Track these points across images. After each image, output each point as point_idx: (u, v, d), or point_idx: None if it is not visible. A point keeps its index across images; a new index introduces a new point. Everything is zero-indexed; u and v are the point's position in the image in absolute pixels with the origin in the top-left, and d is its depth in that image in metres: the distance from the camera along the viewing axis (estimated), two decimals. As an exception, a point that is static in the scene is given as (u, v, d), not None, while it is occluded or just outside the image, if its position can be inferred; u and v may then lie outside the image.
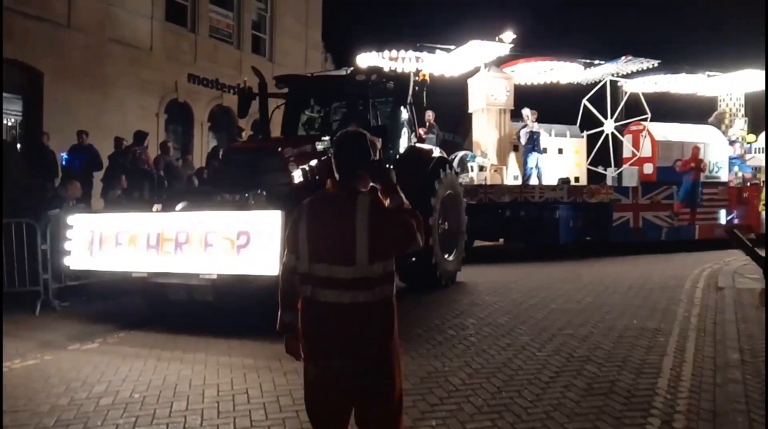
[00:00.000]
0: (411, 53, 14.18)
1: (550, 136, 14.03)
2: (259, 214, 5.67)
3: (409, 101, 8.33)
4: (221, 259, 5.60)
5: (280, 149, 6.94)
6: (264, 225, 5.50)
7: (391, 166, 2.49)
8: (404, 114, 8.74)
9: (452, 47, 13.78)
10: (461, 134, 17.72)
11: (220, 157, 9.49)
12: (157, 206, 6.47)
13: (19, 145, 13.02)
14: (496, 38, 13.69)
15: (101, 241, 6.15)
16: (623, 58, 14.39)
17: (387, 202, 2.53)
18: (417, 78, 8.36)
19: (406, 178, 7.53)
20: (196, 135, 17.22)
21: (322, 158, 7.09)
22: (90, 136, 11.28)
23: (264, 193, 6.21)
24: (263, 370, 4.88)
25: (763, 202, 10.85)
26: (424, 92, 8.54)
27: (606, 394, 4.27)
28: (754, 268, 8.62)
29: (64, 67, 13.31)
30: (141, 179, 10.58)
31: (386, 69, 13.28)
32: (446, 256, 8.72)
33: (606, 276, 9.87)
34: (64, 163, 11.14)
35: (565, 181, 13.50)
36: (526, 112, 13.47)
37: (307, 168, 6.88)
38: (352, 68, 8.38)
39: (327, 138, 7.49)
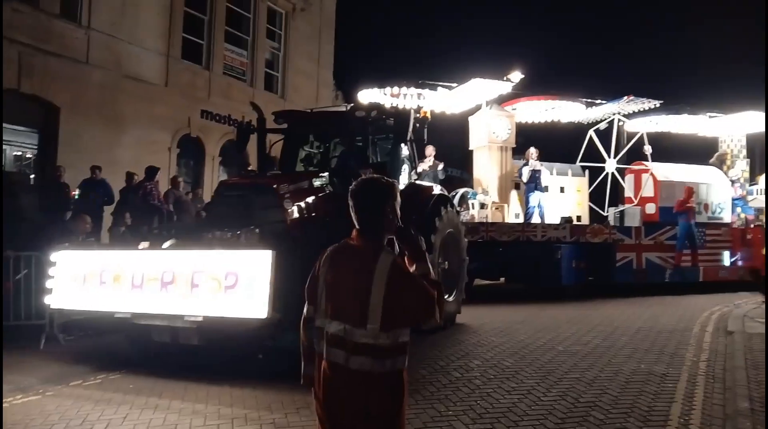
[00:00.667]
0: (413, 90, 14.23)
1: (551, 175, 13.99)
2: (249, 254, 5.43)
3: (409, 138, 8.20)
4: (208, 301, 5.34)
5: (275, 185, 6.68)
6: (253, 265, 5.25)
7: (419, 235, 2.41)
8: (404, 151, 8.57)
9: (454, 85, 13.83)
10: (469, 171, 17.84)
11: (213, 192, 9.73)
12: (143, 244, 6.31)
13: (33, 178, 13.26)
14: (504, 78, 13.84)
15: (85, 279, 5.94)
16: (625, 98, 14.45)
17: (412, 269, 2.42)
18: (418, 115, 8.31)
19: (406, 215, 7.57)
20: (207, 169, 17.46)
21: (320, 195, 6.98)
22: (103, 170, 11.47)
23: (257, 230, 6.01)
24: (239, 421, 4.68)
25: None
26: (425, 129, 8.46)
27: (612, 442, 4.20)
28: (763, 311, 8.51)
29: (81, 102, 13.63)
30: (150, 214, 10.69)
31: (387, 105, 13.42)
32: (446, 296, 8.34)
33: (614, 318, 9.76)
34: (77, 197, 11.30)
35: (567, 220, 13.29)
36: (530, 150, 13.48)
37: (304, 205, 6.68)
38: (352, 104, 8.33)
39: (326, 174, 7.39)
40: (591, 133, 15.05)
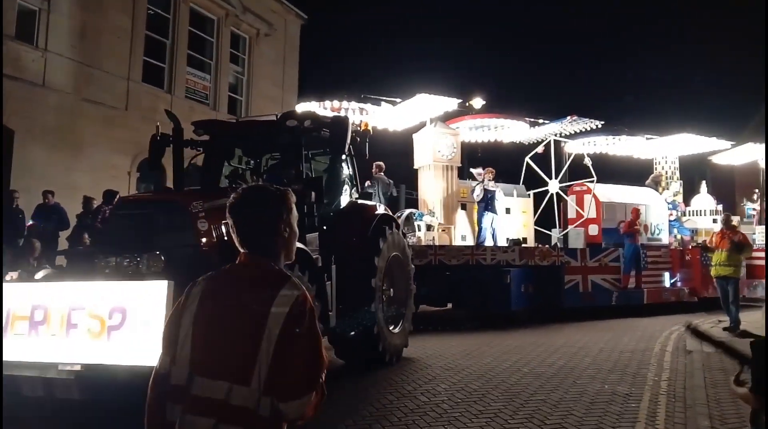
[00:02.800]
0: (354, 104, 13.49)
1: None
2: (139, 286, 4.41)
3: (348, 151, 7.54)
4: (88, 345, 4.28)
5: (186, 202, 5.57)
6: (145, 299, 4.24)
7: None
8: (345, 166, 7.81)
9: (398, 100, 13.31)
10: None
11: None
12: (11, 274, 5.42)
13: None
14: (467, 104, 14.01)
15: None
16: (568, 117, 14.45)
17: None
18: (359, 127, 7.78)
19: (347, 235, 7.10)
20: (168, 194, 17.14)
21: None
22: (60, 195, 11.18)
23: (162, 256, 4.97)
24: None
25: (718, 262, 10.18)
26: (367, 143, 7.82)
27: (579, 464, 4.21)
28: (719, 330, 8.75)
29: (36, 125, 13.28)
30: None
31: (325, 116, 12.66)
32: (392, 327, 7.64)
33: (576, 339, 9.88)
34: (30, 221, 10.95)
35: (516, 243, 12.87)
36: (484, 169, 13.17)
37: (223, 226, 5.53)
38: (282, 113, 7.25)
39: None
40: (527, 160, 14.94)
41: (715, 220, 16.37)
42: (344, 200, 7.74)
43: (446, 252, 11.47)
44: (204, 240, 5.38)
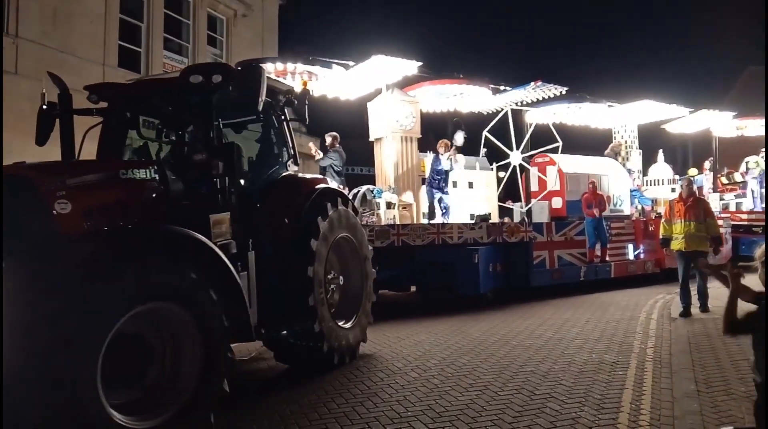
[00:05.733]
0: (301, 66, 11.56)
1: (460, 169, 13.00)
2: None
3: (282, 114, 6.41)
4: None
5: (39, 179, 4.26)
6: None
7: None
8: (280, 131, 6.46)
9: (351, 63, 11.62)
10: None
11: None
12: None
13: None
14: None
15: None
16: (532, 83, 13.52)
17: None
18: (293, 89, 6.64)
19: (275, 215, 5.91)
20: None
21: (136, 192, 4.79)
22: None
23: None
24: None
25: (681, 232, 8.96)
26: (306, 106, 6.67)
27: (569, 431, 4.27)
28: (711, 298, 8.88)
29: (10, 114, 12.96)
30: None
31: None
32: (342, 323, 6.50)
33: (565, 309, 9.99)
34: None
35: (483, 219, 11.84)
36: (447, 141, 12.46)
37: (95, 208, 4.39)
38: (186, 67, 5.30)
39: (152, 167, 5.06)
40: (485, 133, 14.16)
41: (673, 190, 16.08)
42: (282, 172, 6.43)
43: (410, 231, 10.49)
44: (64, 226, 4.14)
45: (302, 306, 5.78)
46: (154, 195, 4.90)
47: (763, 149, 17.64)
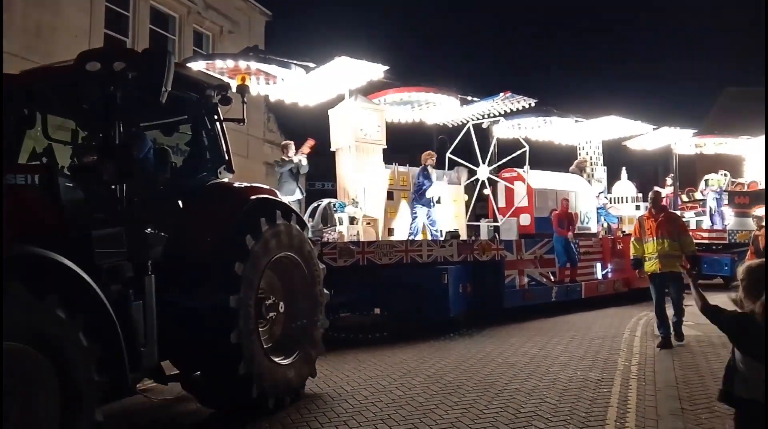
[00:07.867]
0: (255, 64, 10.29)
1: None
2: None
3: (214, 113, 5.57)
4: None
5: None
6: None
7: None
8: (211, 132, 5.61)
9: (312, 65, 10.55)
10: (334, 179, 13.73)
11: None
12: None
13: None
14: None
15: None
16: (501, 94, 13.08)
17: None
18: (228, 84, 5.89)
19: (193, 232, 5.05)
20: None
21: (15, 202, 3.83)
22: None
23: None
24: None
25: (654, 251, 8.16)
26: (244, 103, 5.76)
27: (554, 450, 4.23)
28: (688, 315, 8.90)
29: (-8, 128, 12.84)
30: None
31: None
32: (280, 359, 5.49)
33: (550, 327, 9.99)
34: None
35: (454, 235, 11.13)
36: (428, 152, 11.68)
37: None
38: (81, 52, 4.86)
39: (38, 173, 4.19)
40: (449, 155, 13.58)
41: (638, 207, 15.98)
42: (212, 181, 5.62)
43: (376, 249, 9.53)
44: None
45: (222, 344, 4.75)
46: (30, 206, 3.96)
47: (722, 170, 18.04)
